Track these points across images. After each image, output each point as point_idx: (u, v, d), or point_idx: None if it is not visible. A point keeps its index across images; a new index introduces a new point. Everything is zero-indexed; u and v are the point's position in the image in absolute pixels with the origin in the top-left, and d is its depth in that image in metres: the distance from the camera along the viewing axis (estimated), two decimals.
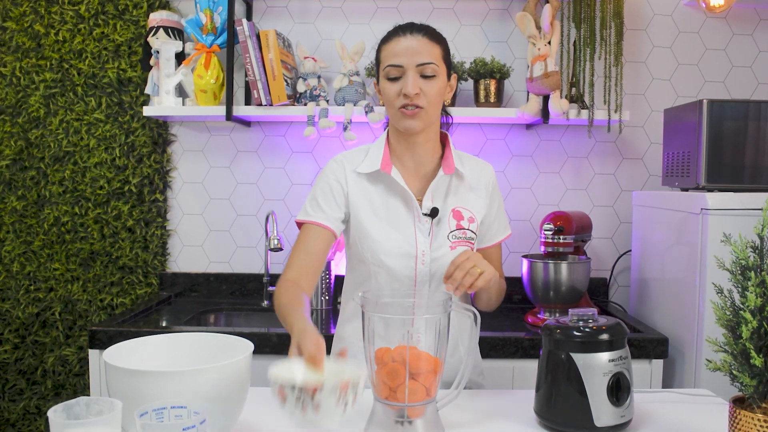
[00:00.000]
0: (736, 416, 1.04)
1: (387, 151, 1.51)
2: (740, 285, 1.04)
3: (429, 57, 1.40)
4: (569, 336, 1.19)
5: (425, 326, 1.13)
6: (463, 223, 1.49)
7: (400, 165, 1.51)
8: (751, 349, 1.00)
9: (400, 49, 1.41)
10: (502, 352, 1.97)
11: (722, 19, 2.50)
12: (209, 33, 2.33)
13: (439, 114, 1.49)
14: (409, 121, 1.42)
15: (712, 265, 1.84)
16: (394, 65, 1.41)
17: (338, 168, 1.52)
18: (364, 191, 1.49)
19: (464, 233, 1.48)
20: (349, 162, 1.52)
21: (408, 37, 1.41)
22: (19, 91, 2.51)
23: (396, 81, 1.42)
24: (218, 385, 1.04)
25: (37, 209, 2.53)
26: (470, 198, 1.52)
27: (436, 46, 1.43)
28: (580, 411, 1.17)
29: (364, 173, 1.49)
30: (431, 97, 1.41)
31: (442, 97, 1.46)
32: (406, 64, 1.40)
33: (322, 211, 1.47)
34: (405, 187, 1.46)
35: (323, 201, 1.49)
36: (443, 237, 1.47)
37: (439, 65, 1.42)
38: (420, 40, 1.41)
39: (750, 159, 1.98)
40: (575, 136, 2.52)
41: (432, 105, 1.42)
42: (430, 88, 1.41)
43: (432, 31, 1.45)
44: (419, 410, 1.13)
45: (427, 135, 1.48)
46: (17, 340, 2.55)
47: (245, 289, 2.56)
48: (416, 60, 1.40)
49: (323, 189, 1.50)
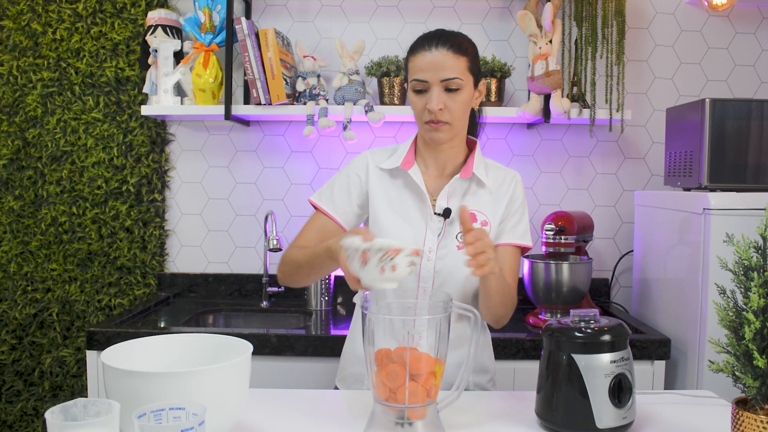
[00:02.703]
0: (738, 418, 1.03)
1: (412, 151, 1.56)
2: (743, 285, 1.04)
3: (453, 72, 1.41)
4: (571, 337, 1.18)
5: (426, 327, 1.12)
6: (474, 225, 1.47)
7: (423, 165, 1.55)
8: (754, 350, 1.00)
9: (425, 63, 1.42)
10: (504, 353, 1.96)
11: (725, 18, 2.49)
12: (208, 32, 2.31)
13: (465, 123, 1.51)
14: (434, 134, 1.45)
15: (714, 266, 1.83)
16: (419, 80, 1.43)
17: (362, 162, 1.57)
18: (383, 186, 1.54)
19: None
20: (374, 157, 1.58)
21: (433, 52, 1.42)
22: (16, 90, 2.50)
23: (422, 94, 1.45)
24: (217, 387, 1.04)
25: (34, 209, 2.52)
26: (487, 203, 1.52)
27: (462, 59, 1.43)
28: (582, 412, 1.16)
29: (387, 169, 1.54)
30: (456, 111, 1.44)
31: (468, 108, 1.48)
32: (430, 80, 1.42)
33: (332, 202, 1.54)
34: (420, 185, 1.50)
35: (338, 191, 1.55)
36: (452, 237, 1.48)
37: (464, 78, 1.43)
38: (445, 54, 1.42)
39: (753, 158, 1.97)
40: (577, 135, 2.51)
41: (457, 118, 1.45)
42: (455, 103, 1.43)
43: (458, 43, 1.44)
44: (419, 412, 1.11)
45: (452, 142, 1.51)
46: (14, 341, 2.53)
47: (244, 289, 2.55)
48: (440, 76, 1.41)
49: (341, 180, 1.56)
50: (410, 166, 1.52)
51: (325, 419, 1.26)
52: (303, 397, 1.39)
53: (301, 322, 2.37)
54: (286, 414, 1.28)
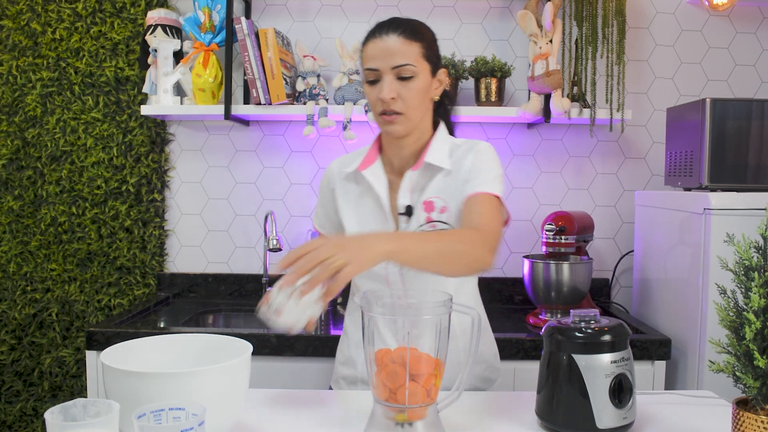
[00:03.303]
0: (739, 418, 1.03)
1: (374, 150, 1.50)
2: (743, 286, 1.03)
3: (405, 58, 1.36)
4: (571, 337, 1.18)
5: (426, 327, 1.11)
6: (433, 215, 1.42)
7: (389, 162, 1.50)
8: (755, 351, 0.99)
9: (376, 51, 1.37)
10: (504, 354, 1.94)
11: (725, 18, 2.49)
12: (207, 31, 2.31)
13: (423, 114, 1.43)
14: (389, 127, 1.40)
15: (715, 266, 1.83)
16: (370, 69, 1.38)
17: (328, 174, 1.57)
18: (348, 192, 1.52)
19: (433, 226, 1.42)
20: (339, 164, 1.56)
21: (384, 38, 1.37)
22: (15, 90, 2.49)
23: (374, 85, 1.39)
24: (217, 387, 1.04)
25: (33, 209, 2.51)
26: (447, 184, 1.43)
27: (414, 45, 1.38)
28: (582, 413, 1.15)
29: (348, 172, 1.51)
30: (410, 100, 1.37)
31: (425, 97, 1.41)
32: (381, 68, 1.36)
33: (320, 220, 1.59)
34: (375, 185, 1.45)
35: (320, 209, 1.59)
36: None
37: (417, 64, 1.37)
38: (396, 40, 1.36)
39: (753, 158, 1.97)
40: (577, 135, 2.50)
41: (412, 108, 1.38)
42: (409, 91, 1.37)
43: (410, 29, 1.39)
44: (419, 412, 1.11)
45: (414, 136, 1.45)
46: (14, 342, 2.53)
47: (244, 289, 2.54)
48: (391, 62, 1.35)
49: (320, 197, 1.60)
50: (368, 166, 1.46)
51: (325, 419, 1.26)
52: (303, 397, 1.39)
53: None
54: (286, 414, 1.28)
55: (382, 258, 1.11)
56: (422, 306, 1.13)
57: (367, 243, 1.10)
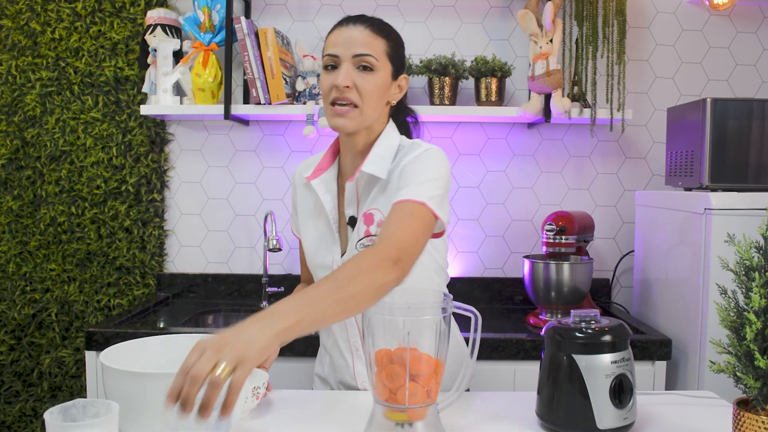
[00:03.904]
0: (740, 418, 1.03)
1: (329, 155, 1.45)
2: (744, 286, 1.03)
3: (367, 49, 1.31)
4: (571, 337, 1.18)
5: (426, 327, 1.11)
6: (372, 228, 1.35)
7: (345, 168, 1.43)
8: (755, 351, 0.99)
9: (340, 39, 1.33)
10: (504, 354, 1.95)
11: (726, 17, 2.48)
12: (207, 31, 2.31)
13: (377, 114, 1.36)
14: (339, 119, 1.32)
15: (715, 266, 1.83)
16: (330, 54, 1.32)
17: (294, 178, 1.54)
18: (306, 201, 1.49)
19: (371, 240, 1.35)
20: (301, 169, 1.51)
21: (350, 28, 1.33)
22: (15, 89, 2.49)
23: (331, 71, 1.33)
24: None
25: (33, 209, 2.51)
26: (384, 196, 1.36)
27: (380, 40, 1.34)
28: (583, 413, 1.15)
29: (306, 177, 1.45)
30: (366, 93, 1.31)
31: (382, 97, 1.35)
32: (341, 54, 1.31)
33: (296, 226, 1.54)
34: (319, 196, 1.41)
35: (293, 215, 1.56)
36: (353, 246, 1.37)
37: (379, 59, 1.32)
38: (362, 31, 1.33)
39: (754, 158, 1.96)
40: (577, 135, 2.50)
41: (368, 104, 1.32)
42: (366, 83, 1.31)
43: (378, 25, 1.36)
44: (419, 412, 1.11)
45: (364, 137, 1.37)
46: (13, 342, 2.52)
47: (244, 290, 2.54)
48: (352, 50, 1.31)
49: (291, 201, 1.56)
50: (319, 175, 1.41)
51: (325, 420, 1.26)
52: (302, 397, 1.38)
53: None
54: (286, 414, 1.27)
55: (274, 342, 0.93)
56: (422, 306, 1.13)
57: (250, 334, 0.91)
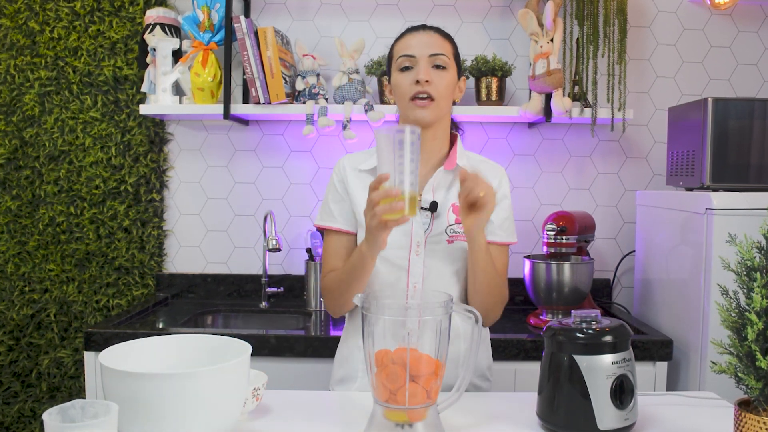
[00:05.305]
0: (741, 419, 1.02)
1: None
2: (746, 286, 1.03)
3: (441, 49, 1.46)
4: (572, 338, 1.17)
5: (426, 328, 1.10)
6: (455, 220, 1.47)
7: None
8: (757, 351, 0.99)
9: (414, 41, 1.47)
10: (504, 354, 1.94)
11: (727, 16, 2.48)
12: (206, 30, 2.30)
13: (449, 110, 1.51)
14: (420, 111, 1.44)
15: (717, 266, 1.82)
16: (406, 55, 1.45)
17: (339, 168, 1.57)
18: (363, 187, 1.51)
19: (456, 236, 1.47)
20: (351, 161, 1.57)
21: (421, 33, 1.48)
22: (13, 89, 2.48)
23: (408, 71, 1.46)
24: (216, 388, 1.03)
25: (31, 209, 2.50)
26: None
27: (448, 43, 1.49)
28: (583, 414, 1.15)
29: (366, 170, 1.52)
30: (442, 88, 1.44)
31: (452, 93, 1.49)
32: (418, 54, 1.44)
33: (333, 216, 1.54)
34: None
35: (333, 204, 1.55)
36: (441, 231, 1.47)
37: (450, 60, 1.47)
38: (432, 35, 1.47)
39: (756, 158, 1.96)
40: (578, 134, 2.49)
41: (443, 97, 1.45)
42: (441, 80, 1.44)
43: (444, 31, 1.51)
44: (420, 413, 1.10)
45: (435, 132, 1.49)
46: (11, 342, 2.52)
47: (243, 290, 2.53)
48: (428, 51, 1.45)
49: (331, 192, 1.56)
50: None
51: (325, 420, 1.25)
52: (302, 398, 1.38)
53: (301, 323, 2.36)
54: (286, 415, 1.27)
55: None
56: (423, 307, 1.13)
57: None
